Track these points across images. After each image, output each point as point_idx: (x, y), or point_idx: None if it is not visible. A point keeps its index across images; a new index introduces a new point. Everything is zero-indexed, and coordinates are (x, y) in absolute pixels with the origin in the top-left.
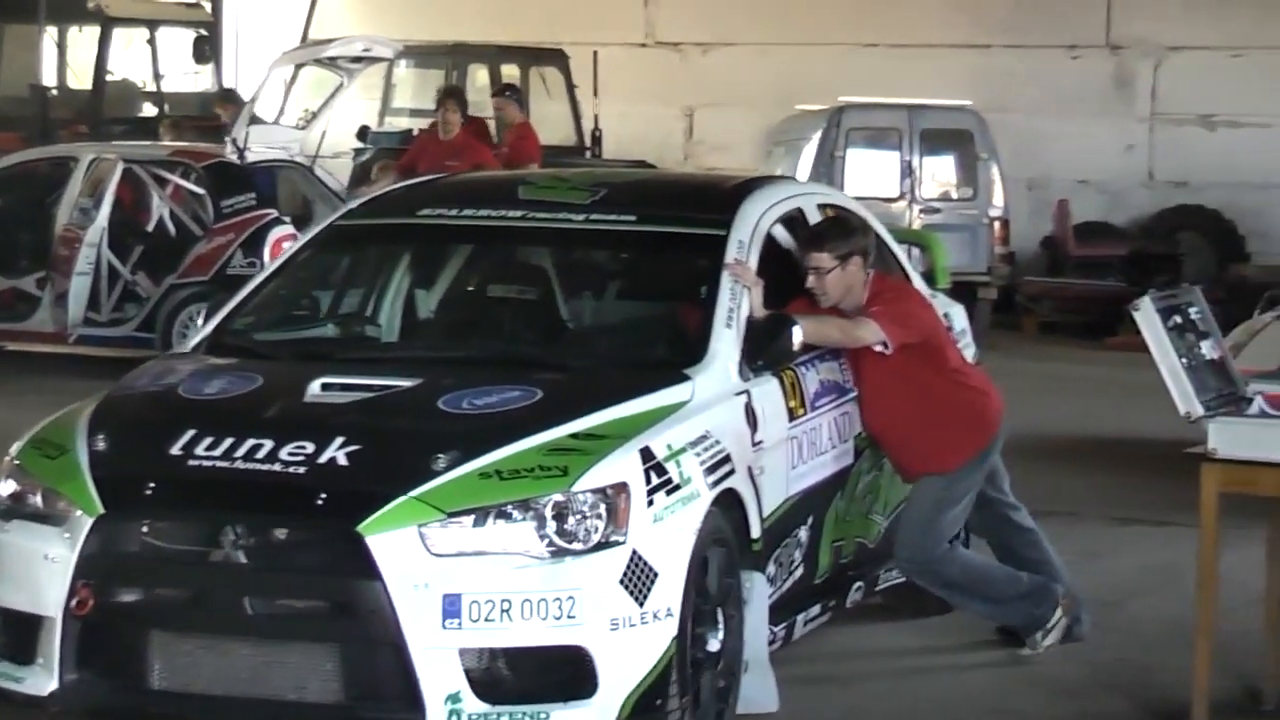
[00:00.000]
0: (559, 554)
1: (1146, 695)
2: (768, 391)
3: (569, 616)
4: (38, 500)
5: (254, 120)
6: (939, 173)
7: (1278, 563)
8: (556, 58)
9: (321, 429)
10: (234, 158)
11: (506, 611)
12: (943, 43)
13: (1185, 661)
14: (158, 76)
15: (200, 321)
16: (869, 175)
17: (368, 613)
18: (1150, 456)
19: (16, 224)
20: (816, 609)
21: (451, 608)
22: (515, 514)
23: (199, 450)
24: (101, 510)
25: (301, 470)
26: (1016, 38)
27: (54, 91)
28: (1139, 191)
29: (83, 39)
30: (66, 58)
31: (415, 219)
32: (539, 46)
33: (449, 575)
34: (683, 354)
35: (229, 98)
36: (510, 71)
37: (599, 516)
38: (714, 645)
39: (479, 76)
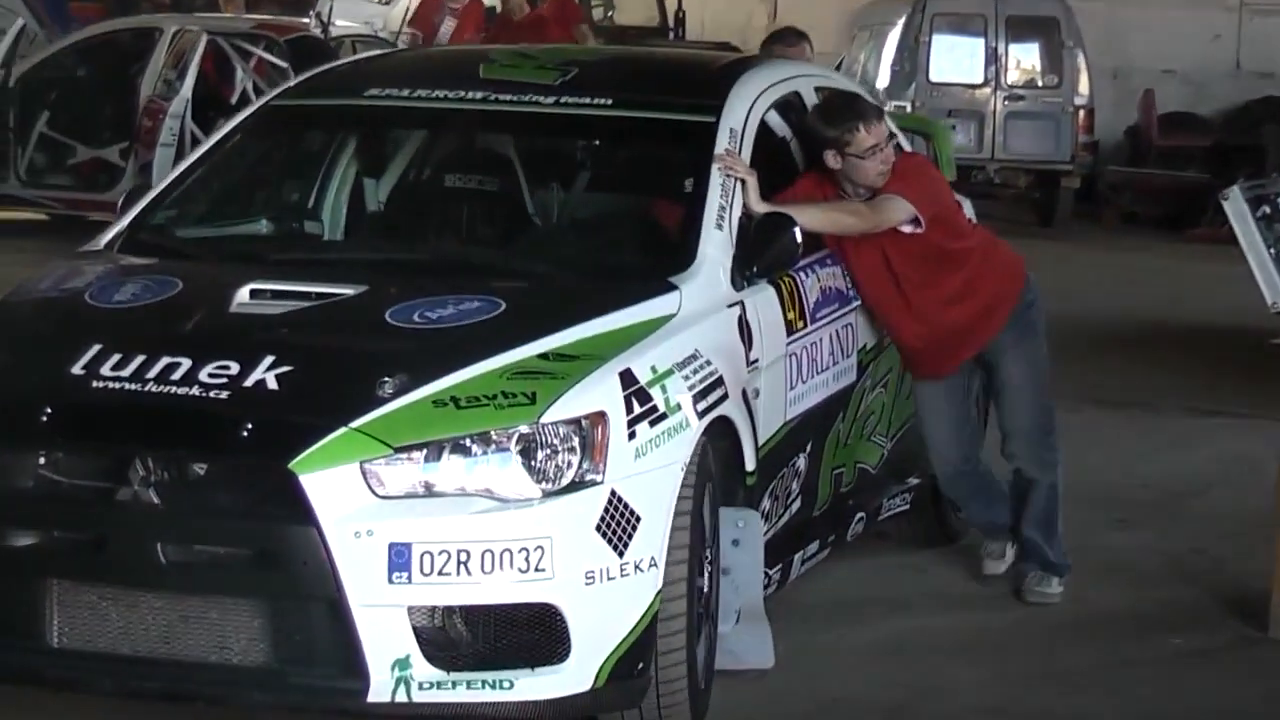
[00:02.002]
0: (525, 496)
1: (1224, 585)
2: (764, 302)
3: (537, 569)
4: None
5: None
6: (1024, 60)
7: None
8: None
9: (248, 345)
10: (317, 32)
11: (464, 564)
12: None
13: (1263, 552)
14: None
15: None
16: (953, 61)
17: (301, 563)
18: (1232, 348)
19: (99, 94)
20: (815, 545)
21: (399, 559)
22: (474, 449)
23: (105, 369)
24: None
25: (224, 395)
26: None
27: None
28: (1225, 82)
29: None
30: None
31: (361, 99)
32: None
33: (396, 521)
34: (667, 260)
35: None
36: None
37: (572, 451)
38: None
39: None
